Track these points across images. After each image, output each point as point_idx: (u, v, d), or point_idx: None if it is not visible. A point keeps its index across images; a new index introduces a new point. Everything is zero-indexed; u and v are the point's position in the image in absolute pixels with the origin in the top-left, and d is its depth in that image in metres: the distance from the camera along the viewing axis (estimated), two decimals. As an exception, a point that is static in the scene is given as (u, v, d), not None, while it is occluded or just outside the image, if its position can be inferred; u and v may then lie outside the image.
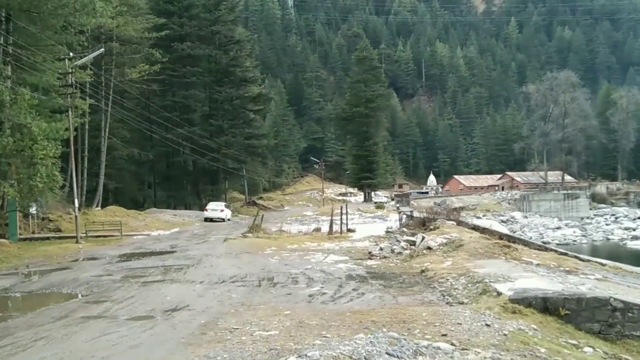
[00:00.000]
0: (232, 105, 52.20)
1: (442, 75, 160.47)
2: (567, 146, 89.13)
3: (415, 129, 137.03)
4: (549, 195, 75.88)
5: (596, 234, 53.41)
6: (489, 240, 14.27)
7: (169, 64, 43.20)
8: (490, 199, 77.43)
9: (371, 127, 71.84)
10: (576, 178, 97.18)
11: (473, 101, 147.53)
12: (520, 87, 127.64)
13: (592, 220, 67.98)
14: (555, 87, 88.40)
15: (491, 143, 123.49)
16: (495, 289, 7.98)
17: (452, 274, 10.39)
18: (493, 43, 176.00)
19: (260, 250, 18.22)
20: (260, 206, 58.00)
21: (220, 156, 48.47)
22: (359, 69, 76.20)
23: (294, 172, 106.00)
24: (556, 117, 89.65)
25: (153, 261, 16.25)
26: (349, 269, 13.46)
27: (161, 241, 23.36)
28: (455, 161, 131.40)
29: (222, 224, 34.53)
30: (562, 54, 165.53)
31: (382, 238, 20.18)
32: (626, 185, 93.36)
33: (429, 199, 76.15)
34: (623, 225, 58.93)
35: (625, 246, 43.60)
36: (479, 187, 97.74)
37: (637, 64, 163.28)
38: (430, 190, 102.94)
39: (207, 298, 9.78)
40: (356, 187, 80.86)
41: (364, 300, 8.74)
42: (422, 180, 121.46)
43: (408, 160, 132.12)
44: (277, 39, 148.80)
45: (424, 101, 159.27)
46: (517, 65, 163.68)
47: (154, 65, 37.11)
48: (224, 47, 52.98)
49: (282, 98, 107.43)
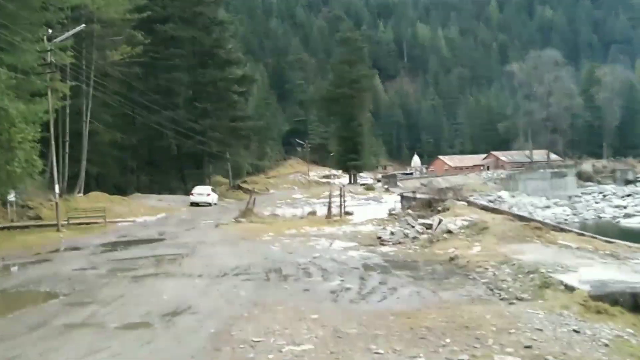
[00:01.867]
0: (217, 87, 50.58)
1: (423, 56, 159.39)
2: (552, 125, 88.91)
3: (398, 110, 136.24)
4: (536, 174, 75.55)
5: (587, 212, 52.93)
6: (514, 222, 13.05)
7: (152, 46, 41.85)
8: (476, 179, 76.74)
9: (356, 108, 70.62)
10: (561, 156, 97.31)
11: (455, 82, 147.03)
12: (503, 67, 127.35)
13: (580, 198, 67.83)
14: (539, 65, 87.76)
15: (475, 123, 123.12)
16: (561, 281, 6.74)
17: (489, 262, 9.11)
18: (474, 23, 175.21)
19: (258, 237, 16.80)
20: (246, 190, 56.85)
21: (206, 139, 47.22)
22: (343, 50, 74.80)
23: (277, 155, 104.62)
24: (540, 95, 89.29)
25: (142, 250, 14.75)
26: (363, 257, 12.11)
27: (148, 228, 21.94)
28: (438, 142, 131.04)
29: (209, 208, 33.53)
30: (543, 33, 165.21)
31: (386, 221, 18.90)
32: (612, 162, 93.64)
33: (415, 179, 75.57)
34: (613, 203, 58.68)
35: (618, 224, 43.12)
36: (464, 167, 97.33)
37: (619, 41, 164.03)
38: (415, 171, 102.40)
39: (211, 296, 8.33)
40: (341, 169, 79.73)
41: (400, 298, 7.40)
42: (406, 162, 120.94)
43: (391, 141, 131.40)
44: (259, 22, 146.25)
45: (406, 82, 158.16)
46: (498, 45, 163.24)
47: (136, 47, 35.56)
48: (207, 29, 51.16)
49: (265, 81, 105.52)
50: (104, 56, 35.46)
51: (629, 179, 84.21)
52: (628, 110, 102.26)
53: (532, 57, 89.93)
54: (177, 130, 44.04)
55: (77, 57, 31.01)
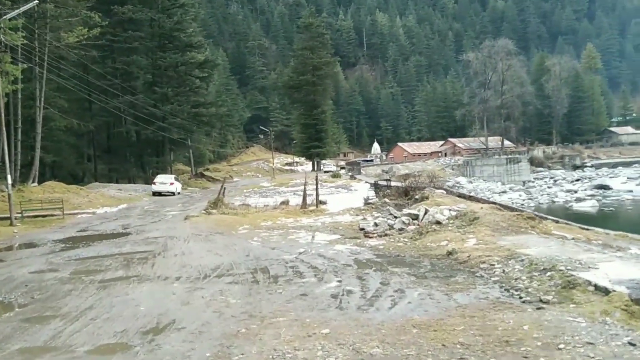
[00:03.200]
0: (177, 71, 49.13)
1: (382, 44, 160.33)
2: (506, 112, 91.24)
3: (358, 98, 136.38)
4: (492, 160, 77.24)
5: (541, 197, 54.41)
6: (502, 212, 12.61)
7: (109, 28, 40.48)
8: (435, 165, 77.94)
9: (318, 95, 69.77)
10: (514, 143, 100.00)
11: (413, 70, 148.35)
12: (458, 56, 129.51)
13: (534, 183, 69.99)
14: (493, 54, 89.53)
15: (432, 110, 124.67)
16: (588, 280, 6.17)
17: (493, 257, 8.50)
18: (431, 12, 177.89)
19: (233, 230, 15.77)
20: (209, 178, 55.55)
21: (167, 125, 45.89)
22: (305, 36, 73.38)
23: (239, 142, 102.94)
24: (494, 84, 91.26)
25: (107, 247, 13.38)
26: (352, 251, 11.34)
27: (110, 220, 20.42)
28: (397, 129, 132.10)
29: (172, 198, 32.23)
30: (495, 23, 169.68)
31: (364, 210, 18.28)
32: (561, 149, 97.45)
33: (376, 166, 76.26)
34: (564, 187, 60.73)
35: (572, 208, 44.40)
36: (423, 154, 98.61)
37: (565, 33, 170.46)
38: (375, 158, 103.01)
39: (196, 306, 7.28)
40: (304, 157, 78.97)
41: (412, 303, 6.65)
42: (366, 149, 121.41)
43: (352, 128, 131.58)
44: (218, 6, 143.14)
45: (366, 70, 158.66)
46: (454, 34, 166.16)
47: (92, 30, 33.74)
48: (167, 11, 49.60)
49: (225, 67, 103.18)
50: (59, 38, 33.62)
51: (577, 164, 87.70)
52: (575, 99, 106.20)
53: (486, 46, 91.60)
54: (136, 115, 42.64)
55: (29, 39, 29.50)
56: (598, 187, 57.37)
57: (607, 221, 31.08)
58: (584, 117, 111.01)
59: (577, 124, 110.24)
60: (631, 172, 73.96)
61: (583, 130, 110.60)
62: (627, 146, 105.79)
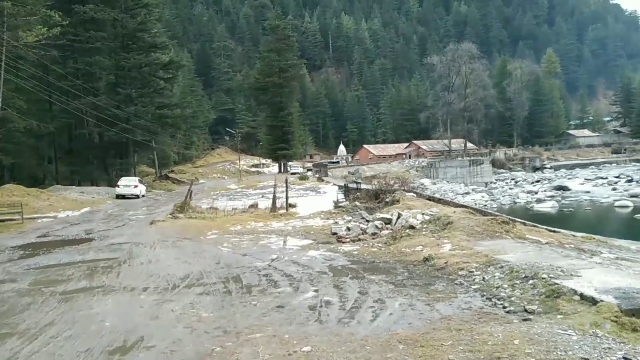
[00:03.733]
0: (141, 72, 48.21)
1: (348, 47, 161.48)
2: (469, 115, 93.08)
3: (324, 100, 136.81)
4: (455, 162, 78.44)
5: (503, 198, 55.23)
6: (476, 216, 12.59)
7: (70, 27, 39.65)
8: (399, 167, 78.75)
9: (285, 97, 69.65)
10: (477, 145, 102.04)
11: (378, 72, 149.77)
12: (422, 59, 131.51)
13: (496, 184, 71.32)
14: (457, 58, 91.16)
15: (397, 113, 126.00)
16: (573, 289, 6.06)
17: (470, 264, 8.37)
18: (395, 16, 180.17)
19: (202, 235, 15.28)
20: (174, 180, 54.49)
21: (130, 126, 44.93)
22: (271, 38, 73.11)
23: (204, 144, 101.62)
24: (458, 87, 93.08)
25: (69, 255, 12.67)
26: (326, 257, 11.06)
27: (72, 224, 19.62)
28: (363, 131, 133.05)
29: (137, 201, 31.60)
30: (459, 27, 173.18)
31: (334, 214, 18.10)
32: (521, 151, 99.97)
33: (342, 168, 76.45)
34: (525, 189, 61.90)
35: (533, 209, 45.23)
36: (388, 156, 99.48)
37: (526, 38, 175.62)
38: (341, 159, 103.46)
39: (165, 321, 6.81)
40: (271, 158, 78.46)
41: (394, 315, 6.41)
42: (332, 150, 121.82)
43: (318, 130, 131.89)
44: (183, 8, 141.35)
45: (332, 72, 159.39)
46: (418, 38, 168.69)
47: (52, 29, 32.71)
48: (130, 11, 48.64)
49: (190, 68, 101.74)
50: (17, 37, 32.45)
51: (537, 166, 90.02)
52: (535, 102, 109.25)
53: (450, 50, 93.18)
54: (99, 117, 41.85)
55: (-15, 39, 28.00)
56: (557, 188, 58.49)
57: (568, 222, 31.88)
58: (544, 120, 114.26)
59: (537, 127, 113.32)
60: (588, 173, 76.13)
61: (543, 132, 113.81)
62: (584, 148, 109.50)
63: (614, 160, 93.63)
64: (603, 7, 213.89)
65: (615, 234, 20.79)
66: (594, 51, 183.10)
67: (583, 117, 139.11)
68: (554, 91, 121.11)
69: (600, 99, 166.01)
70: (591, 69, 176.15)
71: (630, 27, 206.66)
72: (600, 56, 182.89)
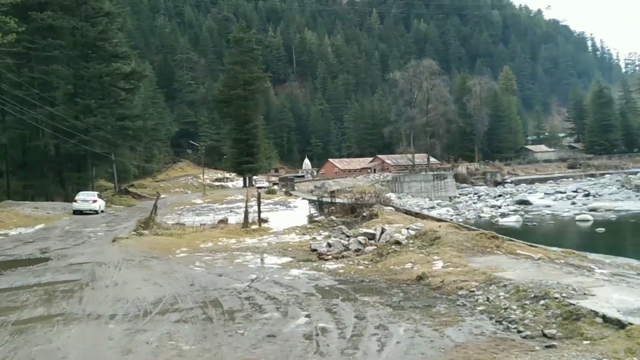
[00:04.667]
0: (101, 82, 46.70)
1: (312, 61, 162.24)
2: (431, 130, 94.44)
3: (288, 114, 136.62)
4: (419, 176, 79.11)
5: (468, 212, 55.47)
6: (462, 230, 12.37)
7: (26, 35, 38.15)
8: (365, 181, 78.85)
9: (250, 110, 69.04)
10: (439, 160, 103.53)
11: (342, 87, 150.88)
12: (384, 75, 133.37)
13: (460, 199, 72.25)
14: (418, 74, 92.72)
15: (361, 127, 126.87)
16: (591, 310, 5.77)
17: (469, 282, 7.99)
18: (358, 32, 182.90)
19: (170, 254, 14.25)
20: (134, 194, 52.82)
21: (90, 138, 43.46)
22: (235, 51, 72.52)
23: (166, 157, 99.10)
24: (420, 102, 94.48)
25: (23, 277, 11.37)
26: (310, 277, 10.43)
27: (26, 243, 18.10)
28: (327, 145, 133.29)
29: (96, 217, 30.17)
30: (419, 44, 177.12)
31: (310, 229, 17.53)
32: (482, 166, 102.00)
33: (308, 182, 75.95)
34: (489, 203, 62.66)
35: (497, 223, 45.73)
36: (353, 170, 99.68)
37: (483, 55, 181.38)
38: (306, 173, 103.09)
39: (141, 355, 5.92)
40: (236, 172, 77.32)
41: (401, 343, 5.92)
42: (297, 164, 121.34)
43: (282, 144, 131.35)
44: (144, 19, 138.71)
45: (296, 86, 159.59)
46: (380, 54, 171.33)
47: (7, 36, 31.32)
48: (91, 19, 47.35)
49: (152, 80, 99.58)
50: (-32, 43, 30.73)
51: (498, 180, 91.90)
52: (494, 118, 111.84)
53: (412, 66, 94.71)
54: (56, 128, 40.15)
55: None
56: (519, 203, 59.20)
57: (533, 236, 32.24)
58: (503, 135, 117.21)
59: (497, 142, 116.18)
60: (547, 187, 77.78)
61: (502, 147, 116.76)
62: (542, 163, 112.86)
63: (570, 175, 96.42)
64: (553, 28, 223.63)
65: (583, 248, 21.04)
66: (547, 69, 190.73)
67: (539, 132, 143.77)
68: (512, 107, 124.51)
69: (554, 115, 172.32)
70: (545, 87, 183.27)
71: (579, 47, 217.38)
72: (552, 74, 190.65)
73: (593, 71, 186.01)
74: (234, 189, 61.77)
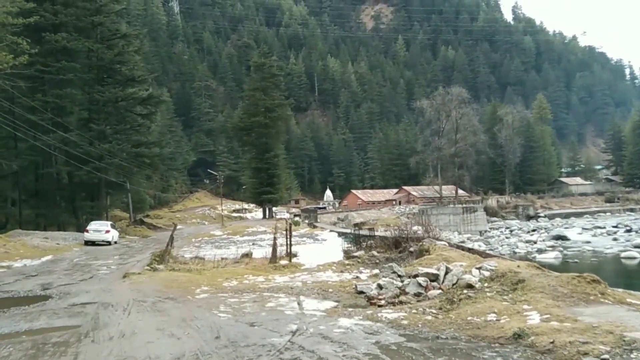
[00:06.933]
0: (117, 107, 45.15)
1: (334, 89, 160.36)
2: (459, 160, 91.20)
3: (309, 143, 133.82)
4: (448, 209, 76.05)
5: (501, 247, 53.06)
6: (549, 272, 9.73)
7: (40, 57, 37.03)
8: (390, 214, 76.48)
9: (271, 138, 66.13)
10: (468, 192, 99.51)
11: (365, 116, 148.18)
12: (409, 103, 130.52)
13: (491, 233, 68.73)
14: (447, 102, 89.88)
15: (385, 157, 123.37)
16: None
17: (593, 345, 5.95)
18: (382, 60, 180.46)
19: (189, 294, 11.90)
20: (149, 225, 50.65)
21: (104, 165, 41.99)
22: (256, 77, 70.06)
23: (183, 187, 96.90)
24: (448, 132, 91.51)
25: (12, 321, 9.61)
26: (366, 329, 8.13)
27: (28, 277, 16.32)
28: (349, 176, 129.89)
29: (108, 248, 28.46)
30: (446, 72, 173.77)
31: (348, 265, 15.07)
32: (514, 198, 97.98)
33: (330, 214, 73.49)
34: (523, 238, 60.03)
35: (535, 260, 42.55)
36: (377, 202, 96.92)
37: (513, 83, 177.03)
38: (328, 205, 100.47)
39: None
40: (255, 203, 74.26)
41: None
42: (318, 196, 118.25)
43: (303, 175, 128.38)
44: (162, 45, 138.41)
45: (318, 115, 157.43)
46: (405, 82, 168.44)
47: (19, 57, 30.00)
48: (107, 41, 46.02)
49: (169, 107, 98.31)
50: (-22, 65, 29.36)
51: (530, 214, 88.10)
52: (527, 149, 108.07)
53: (440, 94, 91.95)
54: (69, 154, 38.92)
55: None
56: (556, 238, 56.62)
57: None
58: (536, 167, 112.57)
59: (529, 174, 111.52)
60: (584, 222, 75.03)
61: (535, 180, 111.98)
62: (578, 196, 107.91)
63: (608, 209, 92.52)
64: (589, 55, 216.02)
65: (638, 288, 18.33)
66: (581, 98, 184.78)
67: (575, 164, 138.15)
68: (546, 138, 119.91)
69: (589, 147, 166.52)
70: (579, 116, 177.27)
71: (616, 76, 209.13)
72: (588, 104, 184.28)
73: (631, 100, 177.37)
74: (253, 220, 58.79)
